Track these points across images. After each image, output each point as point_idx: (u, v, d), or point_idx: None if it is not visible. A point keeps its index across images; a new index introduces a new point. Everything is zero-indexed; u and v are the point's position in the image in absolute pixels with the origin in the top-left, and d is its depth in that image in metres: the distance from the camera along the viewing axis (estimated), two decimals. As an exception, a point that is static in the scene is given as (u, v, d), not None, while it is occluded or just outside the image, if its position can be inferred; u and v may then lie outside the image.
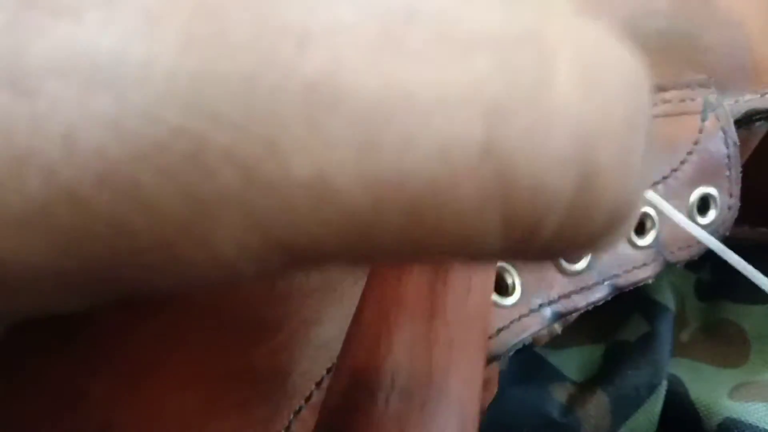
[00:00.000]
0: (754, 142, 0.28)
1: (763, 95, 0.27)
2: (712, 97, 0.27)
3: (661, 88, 0.27)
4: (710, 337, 0.35)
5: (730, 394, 0.33)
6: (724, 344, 0.35)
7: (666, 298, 0.35)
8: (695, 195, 0.26)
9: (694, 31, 0.27)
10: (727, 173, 0.26)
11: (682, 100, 0.26)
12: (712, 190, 0.26)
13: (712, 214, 0.26)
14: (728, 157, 0.26)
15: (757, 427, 0.31)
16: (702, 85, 0.27)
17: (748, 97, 0.27)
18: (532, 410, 0.32)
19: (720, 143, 0.26)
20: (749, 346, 0.34)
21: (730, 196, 0.26)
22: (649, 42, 0.27)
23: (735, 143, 0.26)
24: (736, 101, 0.27)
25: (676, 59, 0.27)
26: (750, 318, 0.35)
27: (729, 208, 0.26)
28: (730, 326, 0.35)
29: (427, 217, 0.09)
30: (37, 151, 0.08)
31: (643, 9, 0.28)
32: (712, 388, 0.33)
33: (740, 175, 0.26)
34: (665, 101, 0.26)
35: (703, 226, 0.26)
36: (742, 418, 0.32)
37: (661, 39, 0.27)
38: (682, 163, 0.26)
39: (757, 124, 0.27)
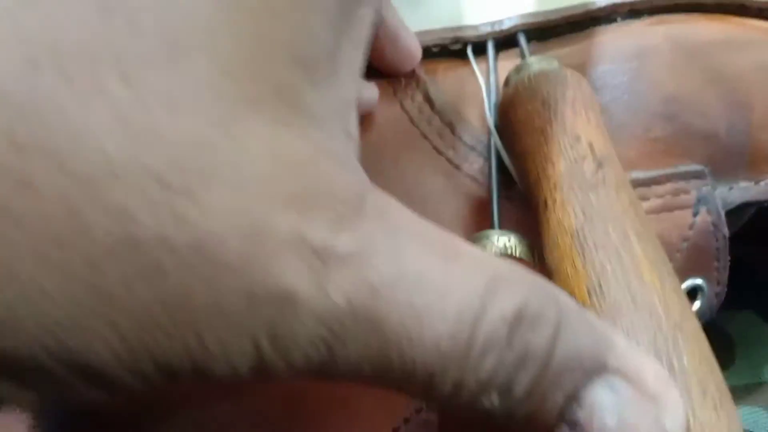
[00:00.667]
0: (744, 219, 0.28)
1: (757, 182, 0.27)
2: (706, 189, 0.27)
3: (655, 182, 0.27)
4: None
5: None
6: (710, 349, 0.37)
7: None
8: (684, 286, 0.27)
9: (697, 118, 0.27)
10: (716, 263, 0.27)
11: (676, 194, 0.27)
12: (700, 282, 0.27)
13: (698, 303, 0.27)
14: (717, 249, 0.27)
15: (744, 429, 0.34)
16: (697, 176, 0.27)
17: (743, 184, 0.27)
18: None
19: (710, 238, 0.27)
20: (734, 350, 0.36)
21: (718, 283, 0.27)
22: (652, 129, 0.27)
23: (724, 236, 0.27)
24: (731, 188, 0.27)
25: (675, 148, 0.27)
26: (736, 323, 0.37)
27: (716, 294, 0.27)
28: (716, 331, 0.37)
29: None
30: None
31: (649, 92, 0.27)
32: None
33: (728, 263, 0.27)
34: (658, 196, 0.27)
35: (689, 314, 0.27)
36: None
37: (664, 126, 0.27)
38: (671, 260, 0.26)
39: (749, 209, 0.28)
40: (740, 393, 0.34)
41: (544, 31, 0.30)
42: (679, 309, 0.18)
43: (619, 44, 0.29)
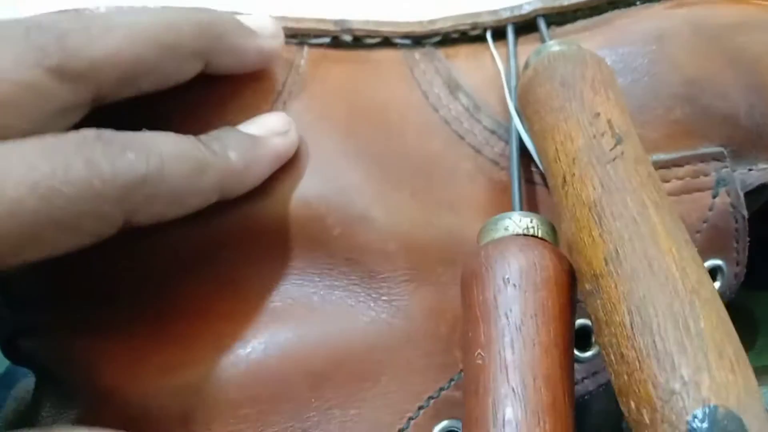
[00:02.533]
0: (763, 200, 0.29)
1: (777, 164, 0.27)
2: (725, 171, 0.27)
3: (675, 164, 0.27)
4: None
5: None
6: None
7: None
8: (703, 268, 0.27)
9: (717, 100, 0.27)
10: (735, 245, 0.27)
11: (696, 176, 0.27)
12: (719, 262, 0.27)
13: (717, 285, 0.27)
14: (737, 230, 0.27)
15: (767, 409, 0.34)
16: (716, 158, 0.27)
17: (762, 165, 0.28)
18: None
19: (729, 219, 0.27)
20: (757, 330, 0.37)
21: (737, 264, 0.27)
22: (673, 111, 0.27)
23: (743, 217, 0.27)
24: (750, 169, 0.28)
25: (695, 130, 0.27)
26: (759, 304, 0.37)
27: (735, 276, 0.27)
28: (739, 310, 0.37)
29: None
30: None
31: (669, 74, 0.27)
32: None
33: (747, 243, 0.27)
34: (678, 178, 0.27)
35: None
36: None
37: (685, 107, 0.27)
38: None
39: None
40: (763, 374, 0.35)
41: (564, 16, 0.30)
42: (696, 275, 0.18)
43: (639, 27, 0.29)
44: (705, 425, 0.16)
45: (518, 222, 0.23)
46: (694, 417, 0.16)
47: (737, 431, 0.16)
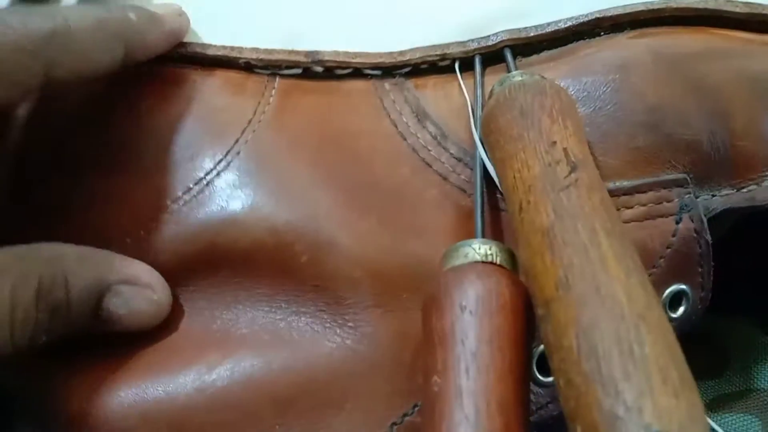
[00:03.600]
0: (727, 226, 0.29)
1: (739, 189, 0.28)
2: (688, 197, 0.27)
3: (638, 190, 0.27)
4: (689, 349, 0.37)
5: (708, 406, 0.36)
6: (702, 356, 0.37)
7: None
8: (667, 293, 0.27)
9: (679, 127, 0.28)
10: (700, 269, 0.27)
11: (659, 202, 0.27)
12: (684, 287, 0.27)
13: (682, 309, 0.28)
14: (700, 255, 0.27)
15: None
16: (679, 184, 0.27)
17: (725, 191, 0.28)
18: None
19: (693, 244, 0.27)
20: (728, 358, 0.36)
21: (702, 289, 0.28)
22: (635, 139, 0.28)
23: (707, 242, 0.27)
24: (713, 195, 0.28)
25: (658, 157, 0.28)
26: (729, 330, 0.37)
27: (700, 300, 0.28)
28: (710, 338, 0.37)
29: None
30: None
31: (632, 102, 0.28)
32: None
33: (712, 267, 0.28)
34: (641, 204, 0.27)
35: (673, 319, 0.28)
36: (721, 430, 0.34)
37: (647, 135, 0.28)
38: (654, 267, 0.27)
39: (732, 215, 0.28)
40: (733, 400, 0.35)
41: (530, 46, 0.31)
42: (643, 300, 0.18)
43: (602, 57, 0.29)
44: None
45: (478, 249, 0.23)
46: None
47: None
